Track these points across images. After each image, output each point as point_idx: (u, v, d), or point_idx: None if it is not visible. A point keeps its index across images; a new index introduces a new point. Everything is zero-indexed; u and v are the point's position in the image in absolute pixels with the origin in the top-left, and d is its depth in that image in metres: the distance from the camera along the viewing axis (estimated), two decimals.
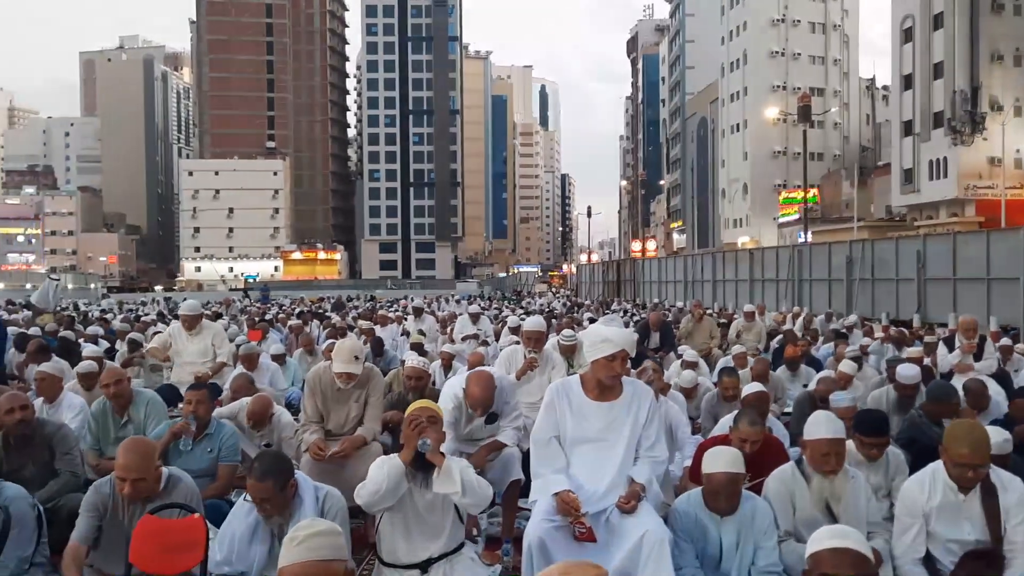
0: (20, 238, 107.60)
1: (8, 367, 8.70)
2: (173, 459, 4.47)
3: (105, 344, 10.83)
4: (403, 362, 6.44)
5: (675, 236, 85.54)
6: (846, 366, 6.87)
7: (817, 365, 8.66)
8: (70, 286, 74.05)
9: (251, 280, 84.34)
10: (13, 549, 3.39)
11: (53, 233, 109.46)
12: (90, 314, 20.61)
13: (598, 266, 49.18)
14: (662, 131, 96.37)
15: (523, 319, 9.66)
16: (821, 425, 3.50)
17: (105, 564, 3.50)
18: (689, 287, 30.77)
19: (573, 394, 3.63)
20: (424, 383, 5.61)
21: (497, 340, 11.93)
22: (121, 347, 10.03)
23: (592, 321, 12.45)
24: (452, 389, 4.80)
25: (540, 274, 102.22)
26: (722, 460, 3.38)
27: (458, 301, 31.81)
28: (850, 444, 3.85)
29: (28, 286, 66.90)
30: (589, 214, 73.78)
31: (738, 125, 65.08)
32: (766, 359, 8.01)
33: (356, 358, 4.65)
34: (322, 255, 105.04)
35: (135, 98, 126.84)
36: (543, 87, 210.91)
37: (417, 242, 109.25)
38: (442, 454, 3.36)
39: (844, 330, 11.76)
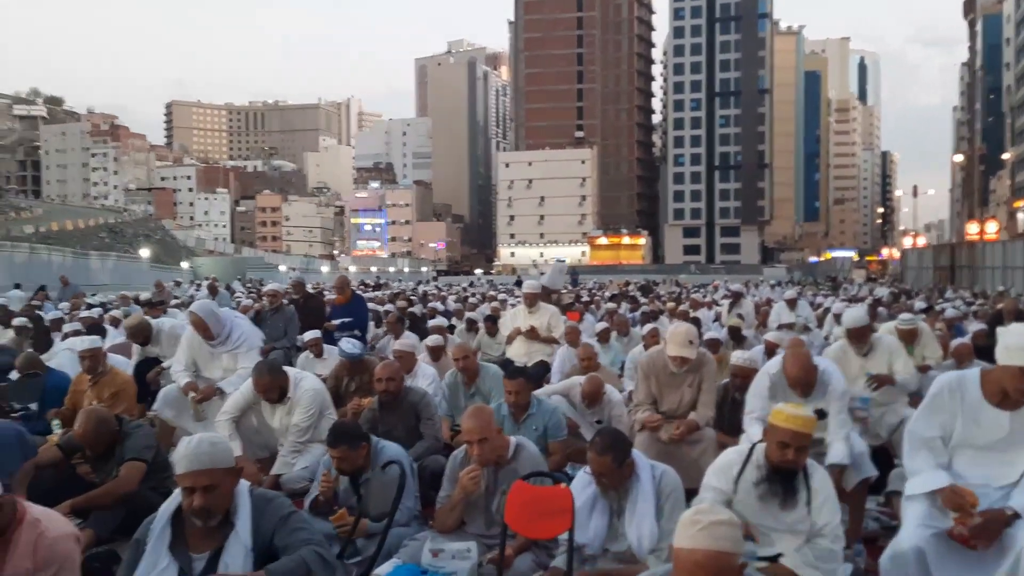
0: (367, 227, 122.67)
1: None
2: None
3: (444, 321, 11.97)
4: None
5: (1020, 216, 74.16)
6: None
7: None
8: (406, 270, 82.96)
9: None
10: (403, 500, 3.80)
11: (393, 223, 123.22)
12: (428, 293, 22.97)
13: (926, 251, 44.43)
14: (1005, 99, 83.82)
15: (847, 307, 9.00)
16: None
17: (469, 522, 3.87)
18: None
19: (968, 393, 3.16)
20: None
21: (820, 326, 11.28)
22: (459, 324, 11.03)
23: (926, 311, 11.28)
24: (768, 369, 4.59)
25: (857, 259, 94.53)
26: None
27: (772, 286, 30.38)
28: None
29: (373, 269, 76.05)
30: (915, 194, 66.92)
31: None
32: None
33: (691, 342, 4.64)
34: (626, 240, 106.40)
35: (460, 97, 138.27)
36: (861, 59, 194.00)
37: (722, 226, 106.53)
38: None
39: None
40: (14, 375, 6.62)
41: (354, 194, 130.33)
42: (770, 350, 7.09)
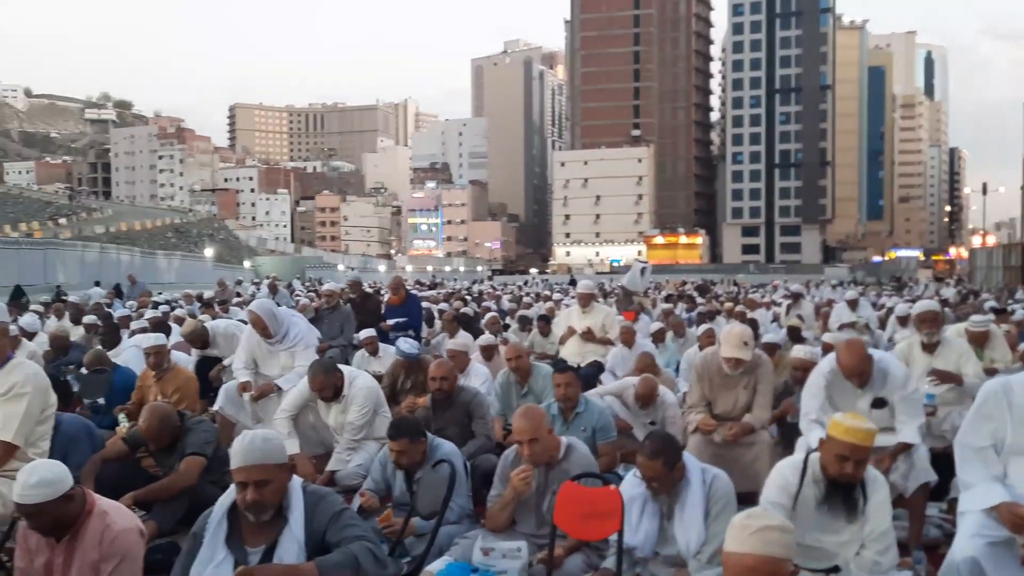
0: (423, 226, 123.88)
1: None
2: None
3: (498, 317, 12.01)
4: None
5: None
6: None
7: None
8: (462, 269, 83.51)
9: (615, 264, 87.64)
10: (455, 498, 3.84)
11: (449, 222, 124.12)
12: (483, 293, 23.10)
13: (996, 250, 42.93)
14: None
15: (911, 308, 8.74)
16: None
17: (520, 521, 3.87)
18: None
19: (1016, 398, 3.06)
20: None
21: (882, 328, 11.00)
22: (512, 323, 11.06)
23: (997, 312, 10.88)
24: (822, 368, 4.46)
25: (923, 259, 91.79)
26: None
27: (833, 286, 29.76)
28: None
29: (429, 268, 76.74)
30: (984, 191, 64.52)
31: None
32: None
33: (745, 344, 4.57)
34: (683, 239, 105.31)
35: (516, 97, 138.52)
36: (928, 53, 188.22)
37: (782, 225, 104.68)
38: None
39: None
40: (82, 371, 6.87)
41: (411, 194, 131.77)
42: (828, 352, 6.90)
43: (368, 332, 8.18)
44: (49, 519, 2.72)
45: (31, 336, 8.81)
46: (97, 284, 20.37)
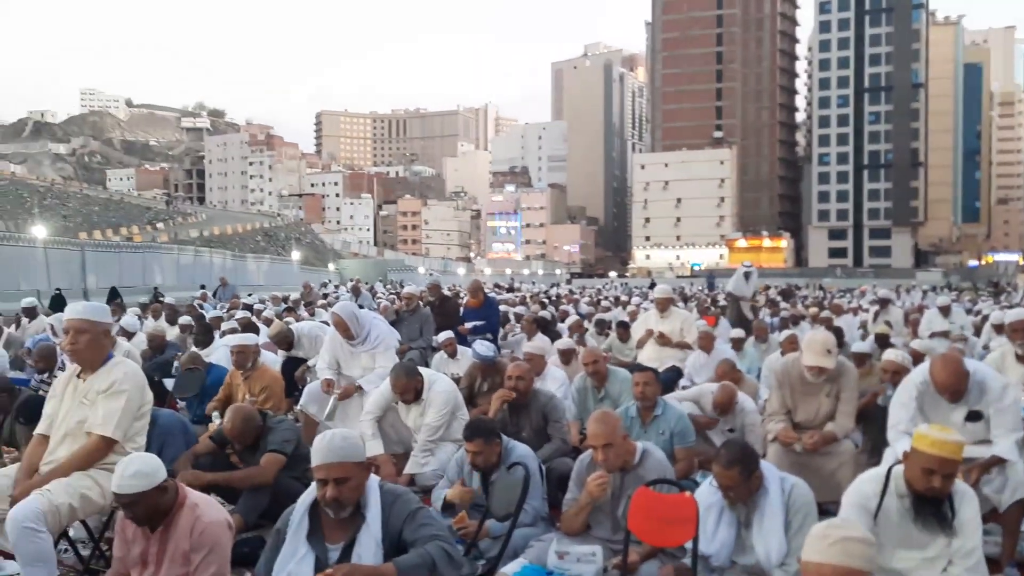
0: (502, 230, 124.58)
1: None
2: None
3: (578, 319, 12.00)
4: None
5: None
6: None
7: None
8: (540, 272, 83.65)
9: (696, 268, 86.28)
10: (529, 501, 3.88)
11: (528, 225, 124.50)
12: (560, 296, 23.12)
13: None
14: None
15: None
16: None
17: (595, 525, 3.87)
18: None
19: None
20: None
21: (977, 335, 10.51)
22: (590, 327, 11.04)
23: None
24: (914, 378, 4.26)
25: (1022, 263, 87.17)
26: None
27: (925, 292, 28.63)
28: None
29: (508, 271, 77.15)
30: None
31: None
32: None
33: (828, 351, 4.44)
34: (767, 242, 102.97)
35: (596, 100, 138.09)
36: None
37: (871, 228, 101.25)
38: None
39: None
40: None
41: (490, 197, 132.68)
42: (916, 361, 6.66)
43: (447, 334, 8.29)
44: (144, 509, 2.86)
45: (130, 336, 9.27)
46: (203, 287, 21.37)
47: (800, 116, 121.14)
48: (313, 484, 2.86)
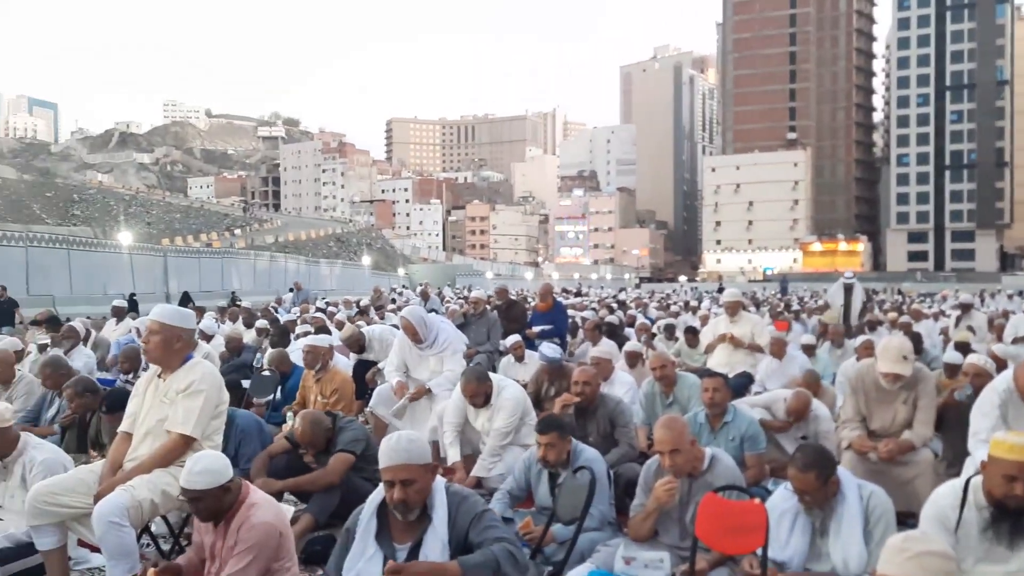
0: (570, 234, 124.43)
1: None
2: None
3: (648, 322, 11.91)
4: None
5: None
6: None
7: None
8: (608, 276, 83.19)
9: (768, 272, 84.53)
10: (596, 505, 3.87)
11: (596, 230, 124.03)
12: (627, 301, 22.93)
13: None
14: None
15: None
16: None
17: (663, 531, 3.84)
18: None
19: None
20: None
21: None
22: (658, 332, 10.93)
23: None
24: (997, 385, 4.07)
25: None
26: None
27: (1010, 296, 27.47)
28: None
29: (576, 276, 76.94)
30: None
31: None
32: None
33: (904, 358, 4.31)
34: (843, 246, 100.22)
35: (665, 103, 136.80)
36: None
37: (953, 231, 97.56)
38: None
39: None
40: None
41: (558, 202, 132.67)
42: (1000, 367, 6.40)
43: (515, 338, 8.32)
44: (207, 505, 2.97)
45: (209, 338, 9.58)
46: (291, 291, 21.95)
47: (877, 116, 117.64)
48: (381, 485, 2.91)
